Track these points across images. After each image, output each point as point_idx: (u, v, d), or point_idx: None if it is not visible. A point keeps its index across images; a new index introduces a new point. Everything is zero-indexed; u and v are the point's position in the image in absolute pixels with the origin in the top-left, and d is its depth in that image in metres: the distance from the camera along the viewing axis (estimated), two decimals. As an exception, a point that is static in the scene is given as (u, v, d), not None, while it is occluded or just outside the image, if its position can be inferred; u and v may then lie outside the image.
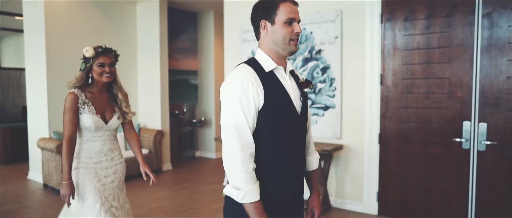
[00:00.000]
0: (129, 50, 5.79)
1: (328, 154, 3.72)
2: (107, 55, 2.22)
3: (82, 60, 2.21)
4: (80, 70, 2.24)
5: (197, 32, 6.76)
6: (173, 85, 6.16)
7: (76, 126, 2.19)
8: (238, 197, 1.33)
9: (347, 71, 3.78)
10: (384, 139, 3.59)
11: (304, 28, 4.02)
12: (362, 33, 3.66)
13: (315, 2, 3.93)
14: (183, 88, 6.64)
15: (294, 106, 1.45)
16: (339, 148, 3.74)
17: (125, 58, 5.75)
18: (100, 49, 2.20)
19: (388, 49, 3.52)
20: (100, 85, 2.28)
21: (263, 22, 1.42)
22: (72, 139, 2.15)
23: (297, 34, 1.41)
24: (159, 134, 5.52)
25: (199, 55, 6.80)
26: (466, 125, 3.13)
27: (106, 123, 2.29)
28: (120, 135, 4.85)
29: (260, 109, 1.35)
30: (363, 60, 3.67)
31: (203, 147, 6.84)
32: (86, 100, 2.23)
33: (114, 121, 2.33)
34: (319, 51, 3.94)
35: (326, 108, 3.93)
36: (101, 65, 2.20)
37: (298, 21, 1.43)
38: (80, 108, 2.19)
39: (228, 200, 1.43)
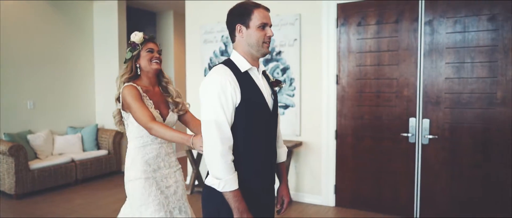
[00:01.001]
0: (86, 50, 5.64)
1: (289, 150, 3.92)
2: (154, 43, 2.04)
3: (128, 49, 2.00)
4: (126, 60, 2.01)
5: (156, 32, 6.71)
6: (132, 85, 6.08)
7: (150, 111, 1.89)
8: (219, 186, 1.46)
9: (306, 72, 4.01)
10: (340, 135, 3.86)
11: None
12: (319, 36, 3.90)
13: (276, 6, 4.11)
14: (142, 88, 6.56)
15: (266, 104, 1.59)
16: (298, 144, 3.95)
17: (81, 58, 5.59)
18: (148, 36, 2.03)
19: (343, 52, 3.78)
20: (150, 76, 2.03)
21: (238, 26, 1.56)
22: (155, 120, 1.85)
23: (269, 38, 1.57)
24: (118, 134, 5.43)
25: (158, 54, 6.74)
26: (412, 121, 3.47)
27: (164, 119, 2.02)
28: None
29: (237, 105, 1.49)
30: (320, 62, 3.91)
31: (163, 147, 6.79)
32: (144, 94, 1.97)
33: (171, 117, 2.06)
34: (279, 53, 4.13)
35: (286, 107, 4.13)
36: (150, 51, 2.00)
37: (270, 26, 1.58)
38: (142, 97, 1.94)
39: (207, 191, 1.55)
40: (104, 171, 5.24)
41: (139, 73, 2.02)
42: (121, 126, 2.08)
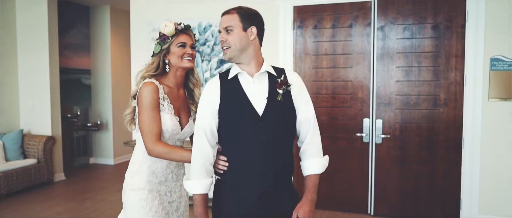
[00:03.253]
0: (7, 48, 4.95)
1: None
2: (188, 34, 1.77)
3: (157, 41, 1.73)
4: (154, 54, 1.74)
5: (90, 27, 6.16)
6: (62, 85, 5.48)
7: (160, 125, 1.66)
8: (186, 186, 1.61)
9: (262, 74, 3.97)
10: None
11: (219, 31, 4.06)
12: (276, 38, 3.90)
13: (230, 5, 4.01)
14: (74, 89, 5.96)
15: (252, 107, 1.57)
16: (255, 146, 3.91)
17: (2, 57, 4.88)
18: (180, 27, 1.74)
19: (300, 54, 3.83)
20: (178, 75, 1.78)
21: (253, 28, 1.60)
22: (160, 141, 1.65)
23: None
24: (50, 140, 4.86)
25: (92, 52, 6.20)
26: (366, 121, 3.63)
27: (182, 128, 1.79)
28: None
29: (218, 111, 1.58)
30: (277, 63, 3.91)
31: (99, 153, 6.26)
32: (165, 96, 1.72)
33: (190, 127, 1.81)
34: (234, 54, 4.04)
35: (242, 109, 4.06)
36: (182, 45, 1.73)
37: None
38: (160, 104, 1.69)
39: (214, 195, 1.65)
40: (33, 182, 4.64)
41: (167, 70, 1.75)
42: (132, 125, 1.82)
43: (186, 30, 1.76)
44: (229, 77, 1.60)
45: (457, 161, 3.46)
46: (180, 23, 1.74)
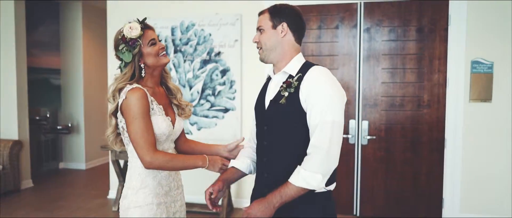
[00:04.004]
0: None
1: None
2: (151, 28, 1.61)
3: (125, 48, 1.54)
4: (125, 64, 1.56)
5: (60, 24, 5.82)
6: (30, 86, 5.14)
7: (154, 133, 1.53)
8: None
9: (247, 74, 3.90)
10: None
11: (202, 29, 3.95)
12: (261, 38, 3.82)
13: (214, 5, 3.92)
14: (42, 90, 5.61)
15: (259, 111, 1.59)
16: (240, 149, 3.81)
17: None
18: (143, 23, 1.57)
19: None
20: (156, 74, 1.64)
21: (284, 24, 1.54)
22: (158, 150, 1.53)
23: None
24: (17, 144, 4.53)
25: (62, 51, 5.87)
26: (352, 122, 3.64)
27: (173, 127, 1.66)
28: None
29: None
30: (262, 64, 3.83)
31: (70, 157, 5.93)
32: (152, 98, 1.58)
33: (180, 124, 1.69)
34: (218, 54, 3.94)
35: (226, 110, 3.96)
36: (154, 42, 1.58)
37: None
38: (151, 108, 1.56)
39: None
40: (-2, 190, 4.30)
41: (143, 75, 1.59)
42: (119, 143, 1.64)
43: (148, 24, 1.61)
44: (266, 78, 1.66)
45: (440, 161, 3.53)
46: (141, 20, 1.59)
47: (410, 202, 3.60)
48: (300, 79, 1.46)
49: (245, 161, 1.66)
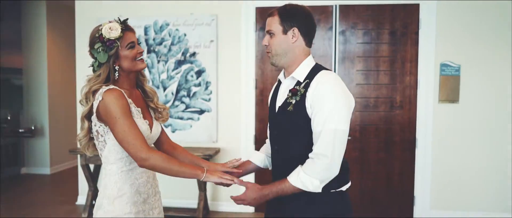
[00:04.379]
0: None
1: (205, 158, 3.68)
2: (132, 30, 1.52)
3: (100, 48, 1.45)
4: (100, 65, 1.47)
5: (21, 21, 5.51)
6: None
7: (141, 132, 1.44)
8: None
9: (223, 75, 3.85)
10: (259, 140, 3.83)
11: (177, 29, 3.87)
12: (237, 39, 3.80)
13: (189, 5, 3.84)
14: (3, 91, 5.29)
15: (271, 115, 1.62)
16: (216, 151, 3.76)
17: None
18: (124, 24, 1.48)
19: (262, 56, 3.77)
20: (131, 77, 1.56)
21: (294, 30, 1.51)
22: (151, 148, 1.44)
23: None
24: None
25: (24, 50, 5.55)
26: (328, 124, 3.68)
27: (151, 131, 1.58)
28: None
29: None
30: (239, 65, 3.81)
31: (33, 162, 5.61)
32: (129, 100, 1.50)
33: (157, 128, 1.62)
34: (193, 54, 3.86)
35: (201, 112, 3.89)
36: (132, 46, 1.49)
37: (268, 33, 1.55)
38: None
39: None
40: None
41: (116, 77, 1.50)
42: (91, 148, 1.54)
43: (129, 26, 1.52)
44: (276, 82, 1.66)
45: (411, 160, 3.64)
46: (123, 21, 1.49)
47: (384, 201, 3.69)
48: (306, 86, 1.45)
49: (260, 155, 1.72)
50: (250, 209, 3.88)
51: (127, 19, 1.53)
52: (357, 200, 3.70)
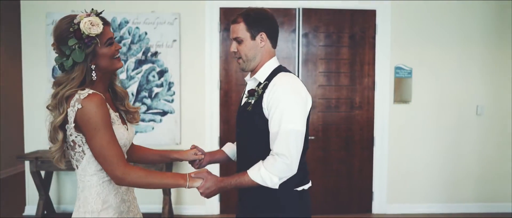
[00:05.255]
0: None
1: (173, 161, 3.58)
2: (109, 24, 1.39)
3: (75, 47, 1.28)
4: (75, 64, 1.31)
5: (-49, 14, 4.94)
6: None
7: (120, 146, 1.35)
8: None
9: (187, 76, 3.77)
10: (224, 142, 3.79)
11: (137, 28, 3.71)
12: (201, 39, 3.74)
13: (150, 2, 3.71)
14: None
15: (237, 116, 1.65)
16: (180, 153, 3.67)
17: None
18: (103, 19, 1.35)
19: (226, 56, 3.75)
20: (106, 78, 1.43)
21: (262, 34, 1.56)
22: (129, 164, 1.35)
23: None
24: None
25: (-45, 46, 4.98)
26: (292, 124, 3.75)
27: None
28: None
29: None
30: (203, 66, 3.76)
31: (-34, 170, 5.05)
32: (108, 106, 1.38)
33: (132, 132, 1.50)
34: (155, 54, 3.73)
35: (164, 113, 3.77)
36: (111, 42, 1.37)
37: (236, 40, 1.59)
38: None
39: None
40: None
41: (94, 78, 1.35)
42: (63, 160, 1.39)
43: (106, 19, 1.38)
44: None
45: (370, 158, 3.84)
46: (98, 13, 1.35)
47: (345, 197, 3.85)
48: (264, 88, 1.50)
49: (233, 147, 1.77)
50: (215, 211, 3.84)
51: (103, 11, 1.41)
52: (321, 197, 3.82)
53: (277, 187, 1.45)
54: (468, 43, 3.81)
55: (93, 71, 1.34)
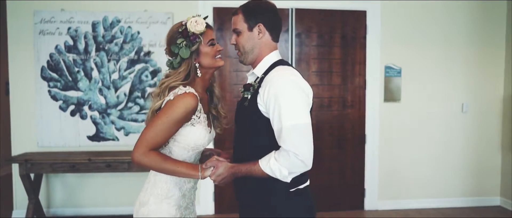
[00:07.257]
0: None
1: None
2: (212, 28, 1.56)
3: (182, 43, 1.45)
4: (181, 60, 1.47)
5: None
6: None
7: (166, 140, 1.43)
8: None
9: (180, 76, 3.74)
10: (218, 141, 3.79)
11: (130, 27, 3.67)
12: (195, 39, 3.72)
13: (143, 1, 3.67)
14: None
15: (235, 110, 1.61)
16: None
17: None
18: (206, 21, 1.51)
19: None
20: (207, 78, 1.56)
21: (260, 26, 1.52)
22: (153, 151, 1.40)
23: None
24: None
25: None
26: (286, 123, 3.79)
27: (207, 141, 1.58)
28: None
29: None
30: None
31: None
32: (200, 106, 1.49)
33: (212, 136, 1.61)
34: (148, 53, 3.70)
35: (157, 114, 3.73)
36: (212, 43, 1.53)
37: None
38: (194, 118, 1.45)
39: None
40: None
41: (199, 75, 1.51)
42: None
43: (208, 23, 1.56)
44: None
45: (361, 155, 3.92)
46: (205, 17, 1.53)
47: (338, 194, 3.92)
48: (260, 82, 1.46)
49: None
50: (210, 211, 3.83)
51: (207, 16, 1.56)
52: (314, 194, 3.82)
53: (288, 180, 1.41)
54: (452, 44, 3.96)
55: (198, 69, 1.50)
